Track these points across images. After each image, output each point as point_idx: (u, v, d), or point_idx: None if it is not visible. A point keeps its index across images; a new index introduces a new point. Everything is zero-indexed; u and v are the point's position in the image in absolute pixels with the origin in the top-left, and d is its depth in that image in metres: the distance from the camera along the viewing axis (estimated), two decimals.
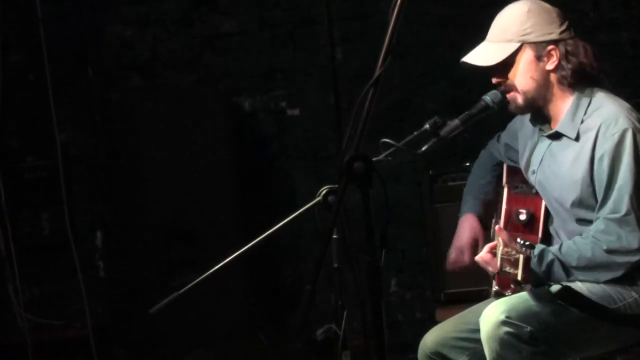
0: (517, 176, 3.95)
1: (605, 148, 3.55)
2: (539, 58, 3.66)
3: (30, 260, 5.68)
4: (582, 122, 3.64)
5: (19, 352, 5.50)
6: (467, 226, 4.02)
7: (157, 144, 5.31)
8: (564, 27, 3.66)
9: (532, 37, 3.65)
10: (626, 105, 3.65)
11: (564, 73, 3.65)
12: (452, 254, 4.02)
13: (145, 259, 5.33)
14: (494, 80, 3.72)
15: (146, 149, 5.34)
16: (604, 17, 5.63)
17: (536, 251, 3.50)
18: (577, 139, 3.64)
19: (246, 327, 5.42)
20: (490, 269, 3.55)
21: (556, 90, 3.69)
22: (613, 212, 3.54)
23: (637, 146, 3.54)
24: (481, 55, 3.71)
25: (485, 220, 4.02)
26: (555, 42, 3.65)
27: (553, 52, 3.65)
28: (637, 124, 3.57)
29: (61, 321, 5.69)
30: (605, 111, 3.61)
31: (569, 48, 3.65)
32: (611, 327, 3.61)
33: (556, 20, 3.67)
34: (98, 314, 5.70)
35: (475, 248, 3.96)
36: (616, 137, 3.54)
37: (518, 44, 3.66)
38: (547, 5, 3.70)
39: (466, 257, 3.98)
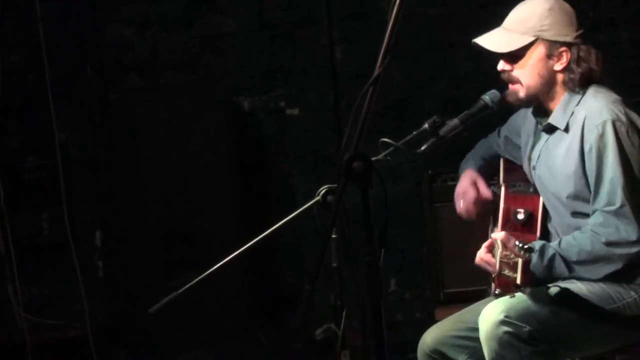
0: (514, 174, 3.95)
1: (591, 141, 3.58)
2: (549, 56, 3.68)
3: (29, 260, 5.68)
4: (572, 114, 3.66)
5: (19, 352, 5.49)
6: (464, 175, 4.01)
7: (156, 144, 5.31)
8: (579, 32, 3.69)
9: (548, 35, 3.66)
10: (613, 97, 3.67)
11: (572, 76, 3.66)
12: (458, 205, 3.98)
13: (144, 259, 5.33)
14: (499, 67, 3.73)
15: (146, 148, 5.34)
16: (603, 17, 5.63)
17: (537, 247, 3.51)
18: (566, 130, 3.67)
19: (245, 326, 5.42)
20: (490, 268, 3.56)
21: (559, 89, 3.71)
22: (608, 204, 3.55)
23: (620, 137, 3.55)
24: (494, 41, 3.72)
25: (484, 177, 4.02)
26: (568, 44, 3.67)
27: (564, 54, 3.67)
28: (620, 115, 3.58)
29: (61, 321, 5.69)
30: (590, 104, 3.64)
31: (582, 53, 3.67)
32: (610, 327, 3.61)
33: (574, 23, 3.69)
34: (97, 314, 5.70)
35: (475, 187, 3.94)
36: (600, 129, 3.57)
37: (533, 38, 3.67)
38: (568, 8, 3.72)
39: (471, 194, 3.95)
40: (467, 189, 3.97)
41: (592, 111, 3.61)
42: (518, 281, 3.33)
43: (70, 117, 5.76)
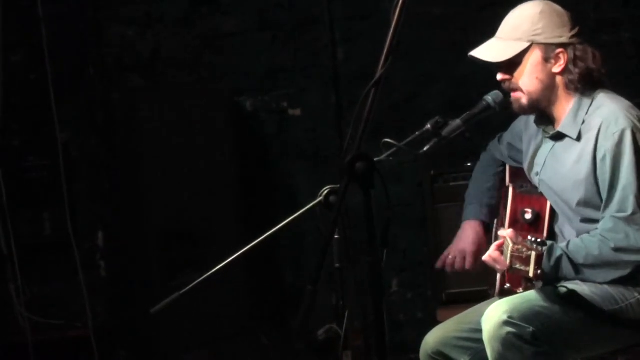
0: (521, 175, 3.95)
1: (606, 147, 3.56)
2: (546, 60, 3.66)
3: (31, 259, 5.67)
4: (583, 122, 3.65)
5: (20, 351, 5.49)
6: (471, 232, 3.98)
7: (158, 144, 5.31)
8: (574, 31, 3.67)
9: (542, 38, 3.65)
10: (627, 103, 3.66)
11: (571, 77, 3.65)
12: (451, 256, 3.99)
13: (146, 259, 5.33)
14: (498, 78, 3.72)
15: (147, 148, 5.34)
16: (604, 18, 5.62)
17: (547, 244, 3.50)
18: (578, 138, 3.65)
19: (247, 327, 5.42)
20: (498, 267, 3.55)
21: (561, 92, 3.70)
22: (619, 211, 3.54)
23: (638, 144, 3.55)
24: (489, 51, 3.71)
25: (489, 226, 4.01)
26: (564, 45, 3.65)
27: (561, 55, 3.65)
28: (636, 122, 3.58)
29: (62, 321, 5.68)
30: (605, 110, 3.62)
31: (578, 53, 3.65)
32: (613, 328, 3.61)
33: (567, 24, 3.67)
34: (99, 314, 5.70)
35: (478, 254, 3.92)
36: (616, 137, 3.55)
37: (527, 44, 3.66)
38: (560, 9, 3.70)
39: (468, 263, 3.95)
40: (468, 255, 3.94)
41: (609, 118, 3.58)
42: (531, 274, 3.33)
43: (72, 116, 5.76)
